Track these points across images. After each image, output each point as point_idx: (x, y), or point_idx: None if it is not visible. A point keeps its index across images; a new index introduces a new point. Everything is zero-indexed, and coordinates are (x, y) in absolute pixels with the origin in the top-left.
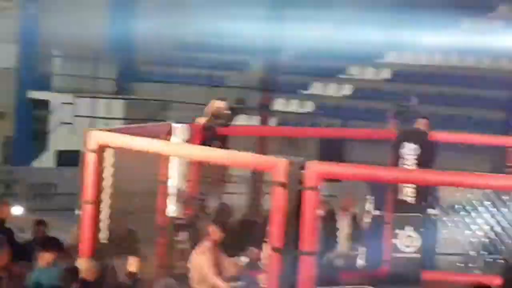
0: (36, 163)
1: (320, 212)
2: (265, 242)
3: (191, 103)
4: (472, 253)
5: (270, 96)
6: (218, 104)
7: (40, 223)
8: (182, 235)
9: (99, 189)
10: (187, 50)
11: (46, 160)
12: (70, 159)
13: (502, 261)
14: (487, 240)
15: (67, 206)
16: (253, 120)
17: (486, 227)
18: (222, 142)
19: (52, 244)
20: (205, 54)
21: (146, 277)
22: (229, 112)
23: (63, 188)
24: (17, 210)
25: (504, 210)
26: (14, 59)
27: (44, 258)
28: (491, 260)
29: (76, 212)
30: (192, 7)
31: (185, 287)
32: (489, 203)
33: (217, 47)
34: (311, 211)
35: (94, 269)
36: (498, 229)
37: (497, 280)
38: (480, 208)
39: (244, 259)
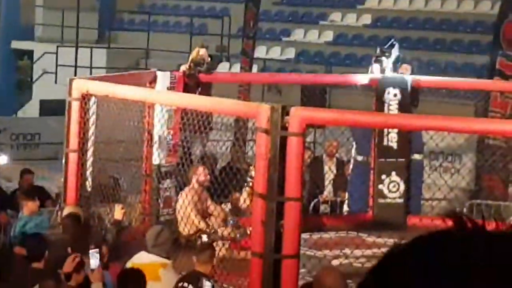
0: (20, 113)
1: (305, 158)
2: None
3: (172, 51)
4: (454, 197)
5: (252, 43)
6: (199, 52)
7: (26, 172)
8: (167, 183)
9: (83, 138)
10: None
11: (30, 110)
12: (54, 108)
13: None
14: (470, 185)
15: (52, 155)
16: (235, 68)
17: (468, 172)
18: (205, 89)
19: (37, 192)
20: (186, 1)
21: (131, 224)
22: (210, 59)
23: (47, 137)
24: (1, 159)
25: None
26: None
27: (28, 207)
28: (474, 204)
29: None
30: None
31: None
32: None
33: None
34: (296, 157)
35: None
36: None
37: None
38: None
39: (228, 206)
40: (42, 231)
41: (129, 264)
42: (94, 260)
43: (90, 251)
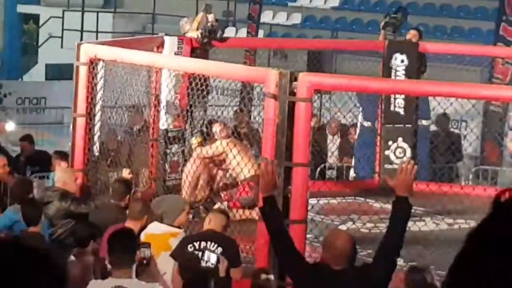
0: (26, 77)
1: (312, 125)
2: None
3: (179, 15)
4: (461, 164)
5: (258, 8)
6: (208, 18)
7: (23, 139)
8: (174, 147)
9: (91, 103)
10: None
11: (36, 74)
12: (60, 72)
13: None
14: (475, 152)
15: (58, 119)
16: (241, 33)
17: (474, 138)
18: (203, 53)
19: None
20: None
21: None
22: (218, 24)
23: (53, 102)
24: (10, 126)
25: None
26: None
27: (61, 167)
28: (480, 170)
29: None
30: None
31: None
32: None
33: None
34: (304, 122)
35: (74, 181)
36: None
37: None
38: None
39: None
40: None
41: (142, 235)
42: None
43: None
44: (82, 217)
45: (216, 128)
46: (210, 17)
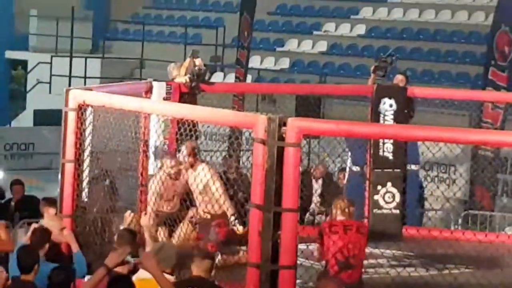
0: (14, 123)
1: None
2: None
3: (167, 61)
4: (450, 208)
5: (246, 53)
6: (196, 62)
7: (15, 183)
8: None
9: (79, 148)
10: (162, 8)
11: (24, 120)
12: (48, 118)
13: None
14: (466, 195)
15: (45, 165)
16: (230, 77)
17: (464, 183)
18: (191, 98)
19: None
20: (180, 11)
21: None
22: (206, 68)
23: (41, 147)
24: None
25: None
26: None
27: (49, 213)
28: (469, 215)
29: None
30: None
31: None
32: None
33: (192, 4)
34: (293, 167)
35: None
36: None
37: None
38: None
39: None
40: None
41: (134, 279)
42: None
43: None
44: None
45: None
46: (197, 61)
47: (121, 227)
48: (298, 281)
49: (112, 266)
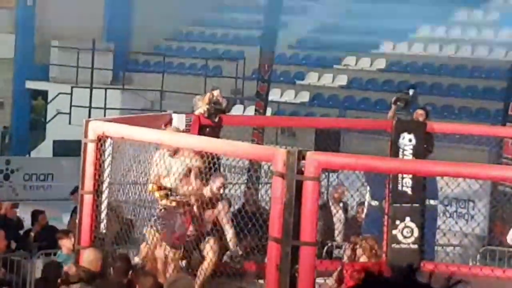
0: (33, 153)
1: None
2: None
3: (187, 93)
4: (468, 243)
5: (266, 86)
6: (214, 93)
7: (39, 212)
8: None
9: (98, 180)
10: (183, 40)
11: (44, 150)
12: (67, 149)
13: None
14: (484, 231)
15: (64, 196)
16: (249, 110)
17: (482, 218)
18: (214, 131)
19: (50, 233)
20: (201, 44)
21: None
22: (226, 101)
23: (60, 178)
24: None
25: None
26: (12, 49)
27: (65, 244)
28: (487, 251)
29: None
30: None
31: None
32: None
33: (213, 36)
34: (311, 201)
35: (100, 260)
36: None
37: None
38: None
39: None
40: None
41: None
42: None
43: None
44: None
45: None
46: (216, 92)
47: (137, 259)
48: None
49: None
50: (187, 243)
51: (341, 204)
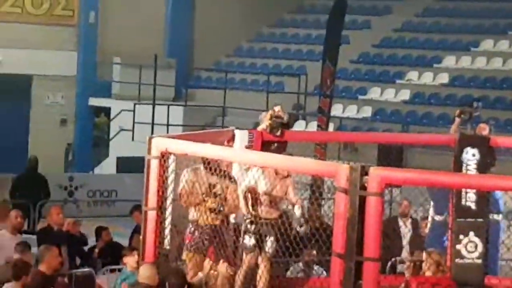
0: (97, 170)
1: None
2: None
3: (249, 109)
4: None
5: (328, 101)
6: (275, 109)
7: (103, 229)
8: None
9: (162, 196)
10: (245, 56)
11: (107, 167)
12: (131, 165)
13: None
14: None
15: (128, 212)
16: (312, 126)
17: None
18: (280, 147)
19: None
20: (263, 59)
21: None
22: (287, 115)
23: (123, 194)
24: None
25: None
26: (75, 67)
27: (129, 261)
28: None
29: None
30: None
31: None
32: None
33: (274, 52)
34: (375, 217)
35: (157, 275)
36: None
37: None
38: None
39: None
40: None
41: None
42: None
43: None
44: None
45: None
46: (277, 107)
47: (201, 274)
48: None
49: None
50: None
51: (409, 220)
